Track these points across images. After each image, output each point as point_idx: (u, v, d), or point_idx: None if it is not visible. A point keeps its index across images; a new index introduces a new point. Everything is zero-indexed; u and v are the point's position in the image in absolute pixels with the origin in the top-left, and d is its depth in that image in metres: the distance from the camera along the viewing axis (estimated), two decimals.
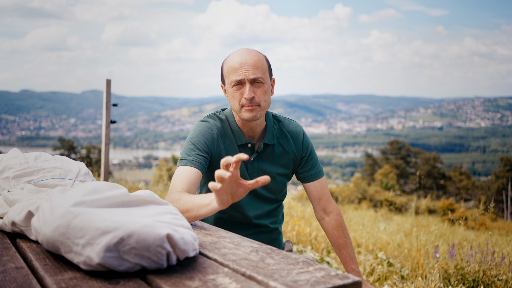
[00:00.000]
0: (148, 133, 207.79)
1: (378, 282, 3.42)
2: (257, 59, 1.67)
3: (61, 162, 1.57)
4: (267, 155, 1.82)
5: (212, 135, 1.74)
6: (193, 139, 1.72)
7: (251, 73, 1.64)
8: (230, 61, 1.69)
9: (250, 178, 1.79)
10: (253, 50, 1.70)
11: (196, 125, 1.79)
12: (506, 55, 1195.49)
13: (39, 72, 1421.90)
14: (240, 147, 1.78)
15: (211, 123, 1.77)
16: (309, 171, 1.89)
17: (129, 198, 1.06)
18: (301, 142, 1.88)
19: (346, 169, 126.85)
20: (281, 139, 1.84)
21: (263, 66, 1.68)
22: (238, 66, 1.65)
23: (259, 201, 1.84)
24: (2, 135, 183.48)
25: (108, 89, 4.96)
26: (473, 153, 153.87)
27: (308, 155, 1.89)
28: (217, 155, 1.75)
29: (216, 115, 1.82)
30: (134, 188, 8.70)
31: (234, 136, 1.78)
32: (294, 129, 1.88)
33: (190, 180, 1.60)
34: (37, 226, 1.03)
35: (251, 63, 1.65)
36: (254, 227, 1.86)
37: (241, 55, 1.68)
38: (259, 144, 1.80)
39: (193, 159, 1.65)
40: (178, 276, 0.91)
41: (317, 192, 1.90)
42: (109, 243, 0.89)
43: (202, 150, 1.69)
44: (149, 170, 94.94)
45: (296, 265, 0.95)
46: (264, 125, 1.82)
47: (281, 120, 1.88)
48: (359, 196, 28.99)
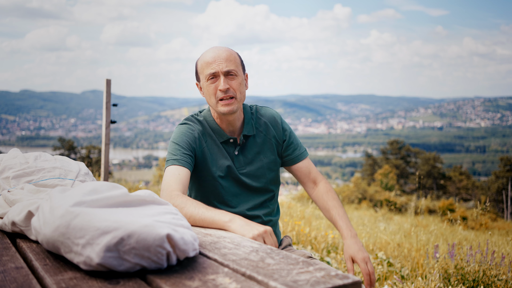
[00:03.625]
0: (148, 133, 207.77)
1: (378, 282, 3.42)
2: (229, 53, 1.74)
3: (61, 162, 1.57)
4: (251, 146, 1.86)
5: (193, 135, 1.79)
6: (176, 139, 1.76)
7: (224, 65, 1.71)
8: (203, 57, 1.76)
9: (239, 172, 1.83)
10: (224, 47, 1.78)
11: (176, 128, 1.84)
12: (505, 55, 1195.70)
13: (39, 72, 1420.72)
14: (223, 144, 1.83)
15: (191, 124, 1.82)
16: (292, 153, 1.93)
17: (129, 198, 1.06)
18: (280, 126, 1.92)
19: (346, 169, 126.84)
20: (260, 127, 1.89)
21: (236, 60, 1.75)
22: (212, 60, 1.71)
23: (250, 193, 1.87)
24: (2, 135, 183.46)
25: (108, 89, 4.95)
26: (473, 153, 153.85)
27: (289, 137, 1.93)
28: (200, 154, 1.79)
29: (194, 117, 1.87)
30: (134, 188, 8.70)
31: (214, 134, 1.83)
32: (271, 115, 1.93)
33: (182, 179, 1.64)
34: (37, 226, 1.03)
35: (223, 57, 1.71)
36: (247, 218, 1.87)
37: (213, 50, 1.75)
38: (240, 137, 1.84)
39: (180, 158, 1.70)
40: (178, 276, 0.91)
41: (306, 167, 1.94)
42: (109, 243, 0.89)
43: (187, 149, 1.74)
44: (149, 170, 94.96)
45: (296, 265, 0.95)
46: (242, 118, 1.87)
47: (258, 109, 1.93)
48: (359, 196, 29.00)
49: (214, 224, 1.41)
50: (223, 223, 1.39)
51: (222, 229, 1.39)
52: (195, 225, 1.45)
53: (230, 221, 1.37)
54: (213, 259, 1.04)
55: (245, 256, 1.04)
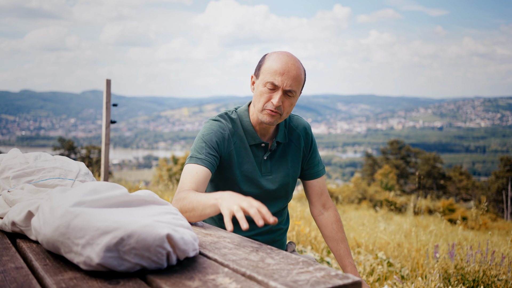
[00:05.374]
0: (148, 133, 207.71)
1: (378, 282, 3.42)
2: (299, 72, 1.67)
3: (61, 162, 1.57)
4: (280, 154, 1.84)
5: (223, 135, 1.74)
6: (205, 137, 1.71)
7: (289, 84, 1.64)
8: (274, 62, 1.67)
9: (263, 177, 1.80)
10: (298, 61, 1.70)
11: (208, 123, 1.78)
12: (505, 55, 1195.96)
13: (38, 72, 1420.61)
14: (253, 146, 1.79)
15: (223, 123, 1.77)
16: (314, 167, 1.91)
17: (129, 198, 1.06)
18: (310, 138, 1.91)
19: (346, 169, 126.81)
20: (291, 136, 1.87)
21: (301, 82, 1.69)
22: (280, 71, 1.64)
23: (269, 200, 1.84)
24: (2, 135, 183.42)
25: (108, 89, 4.95)
26: (473, 153, 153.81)
27: (313, 151, 1.92)
28: (226, 156, 1.75)
29: (228, 115, 1.81)
30: (134, 188, 8.70)
31: (246, 136, 1.78)
32: (303, 126, 1.90)
33: (198, 179, 1.60)
34: (37, 226, 1.03)
35: (292, 75, 1.64)
36: (258, 227, 1.85)
37: (287, 62, 1.66)
38: (272, 143, 1.81)
39: (203, 157, 1.66)
40: (178, 276, 0.91)
41: (319, 188, 1.93)
42: (109, 243, 0.89)
43: (213, 149, 1.69)
44: (149, 170, 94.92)
45: (296, 265, 0.95)
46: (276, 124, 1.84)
47: (290, 117, 1.90)
48: (359, 196, 29.00)
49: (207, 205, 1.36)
50: (214, 201, 1.33)
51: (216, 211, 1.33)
52: (196, 214, 1.41)
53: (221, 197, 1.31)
54: (213, 259, 1.04)
55: (245, 256, 1.03)
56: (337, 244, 1.86)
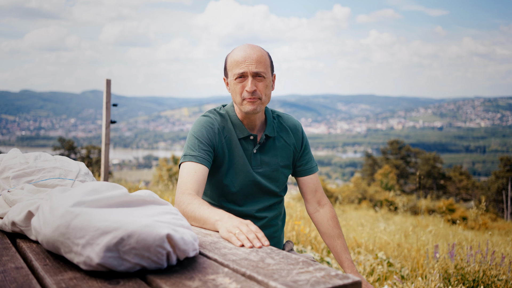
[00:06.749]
0: (148, 133, 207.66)
1: (378, 282, 3.42)
2: (260, 54, 1.72)
3: (61, 162, 1.57)
4: (269, 148, 1.86)
5: (214, 129, 1.78)
6: (196, 133, 1.75)
7: (254, 67, 1.70)
8: (234, 55, 1.74)
9: (253, 170, 1.82)
10: (256, 46, 1.76)
11: (197, 120, 1.83)
12: (505, 55, 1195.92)
13: (38, 72, 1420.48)
14: (242, 140, 1.82)
15: (212, 117, 1.82)
16: (306, 164, 1.94)
17: (129, 198, 1.06)
18: (300, 135, 1.94)
19: (346, 169, 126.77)
20: (281, 132, 1.90)
21: (266, 62, 1.74)
22: (242, 60, 1.70)
23: (261, 194, 1.86)
24: (2, 135, 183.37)
25: (108, 89, 4.95)
26: (473, 153, 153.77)
27: (305, 148, 1.95)
28: (219, 149, 1.78)
29: (216, 110, 1.86)
30: (134, 188, 8.70)
31: (235, 129, 1.82)
32: (293, 123, 1.95)
33: (198, 178, 1.64)
34: (37, 226, 1.03)
35: (254, 58, 1.70)
36: (255, 220, 1.86)
37: (245, 49, 1.73)
38: (261, 136, 1.84)
39: (198, 154, 1.69)
40: (178, 276, 0.91)
41: (313, 185, 1.95)
42: (109, 243, 0.89)
43: (206, 144, 1.73)
44: (149, 170, 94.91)
45: (296, 265, 0.95)
46: (264, 118, 1.87)
47: (280, 115, 1.94)
48: (359, 196, 28.99)
49: (207, 223, 1.39)
50: (214, 221, 1.36)
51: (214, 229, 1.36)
52: (196, 224, 1.45)
53: (220, 220, 1.34)
54: (213, 259, 1.04)
55: (245, 256, 1.03)
56: (334, 240, 1.88)
